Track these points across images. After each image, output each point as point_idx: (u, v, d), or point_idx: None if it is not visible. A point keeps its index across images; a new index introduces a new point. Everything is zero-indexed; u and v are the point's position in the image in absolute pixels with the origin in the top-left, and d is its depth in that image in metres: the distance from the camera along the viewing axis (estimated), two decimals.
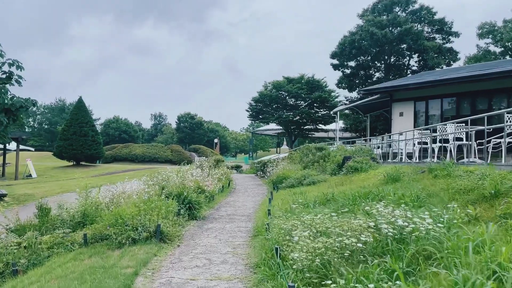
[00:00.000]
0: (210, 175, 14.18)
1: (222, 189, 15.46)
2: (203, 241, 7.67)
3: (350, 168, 13.44)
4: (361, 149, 15.81)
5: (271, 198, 11.00)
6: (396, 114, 23.67)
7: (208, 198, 11.92)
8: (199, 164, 15.90)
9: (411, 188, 8.28)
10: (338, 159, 15.39)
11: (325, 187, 12.28)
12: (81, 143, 40.83)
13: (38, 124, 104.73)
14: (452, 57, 37.23)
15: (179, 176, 11.40)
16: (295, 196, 10.74)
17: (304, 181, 14.25)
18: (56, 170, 41.04)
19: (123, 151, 51.56)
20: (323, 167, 15.69)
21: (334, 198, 9.25)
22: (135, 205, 8.67)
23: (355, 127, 35.97)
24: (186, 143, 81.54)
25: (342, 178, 12.52)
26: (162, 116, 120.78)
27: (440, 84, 20.73)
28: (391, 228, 4.81)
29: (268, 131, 67.65)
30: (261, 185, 19.64)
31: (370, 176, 11.68)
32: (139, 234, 7.20)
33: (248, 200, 14.02)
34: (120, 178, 29.59)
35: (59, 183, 28.96)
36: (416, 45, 34.41)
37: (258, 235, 7.85)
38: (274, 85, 45.95)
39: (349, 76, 38.71)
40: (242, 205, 12.67)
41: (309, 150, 18.69)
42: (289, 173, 15.82)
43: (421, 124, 22.54)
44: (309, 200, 9.43)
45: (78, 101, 42.77)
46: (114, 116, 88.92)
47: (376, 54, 36.66)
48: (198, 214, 9.94)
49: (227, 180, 17.19)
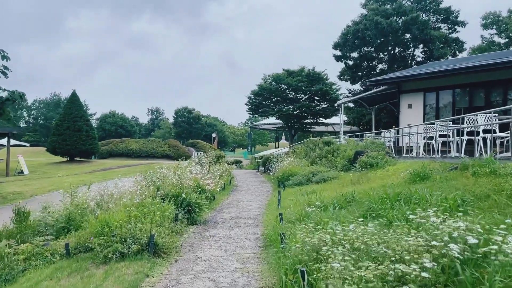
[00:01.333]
0: (210, 172, 12.95)
1: (224, 187, 14.25)
2: (205, 253, 6.45)
3: (364, 164, 12.24)
4: (373, 142, 14.61)
5: (279, 199, 9.78)
6: (404, 106, 22.51)
7: (209, 199, 10.70)
8: (199, 161, 14.63)
9: (447, 188, 7.09)
10: (349, 153, 14.18)
11: (339, 185, 11.08)
12: (75, 138, 39.54)
13: (34, 119, 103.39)
14: (458, 47, 35.92)
15: (176, 174, 10.16)
16: (307, 197, 9.53)
17: (313, 178, 13.04)
18: (49, 166, 39.72)
19: (119, 146, 50.21)
20: (332, 163, 14.47)
21: (356, 199, 8.05)
22: (125, 208, 7.45)
23: (358, 120, 34.71)
24: (184, 138, 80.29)
25: (357, 175, 11.31)
26: (159, 111, 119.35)
27: (453, 73, 19.54)
28: (459, 246, 3.58)
29: (266, 126, 66.36)
30: (264, 182, 18.42)
31: (390, 173, 10.48)
32: (129, 247, 5.98)
33: (252, 199, 12.81)
34: (115, 174, 28.36)
35: (51, 180, 27.70)
36: (422, 35, 33.05)
37: (270, 245, 6.64)
38: (274, 78, 44.59)
39: (352, 67, 37.34)
40: (247, 206, 11.45)
41: (316, 144, 17.46)
42: (296, 169, 14.61)
43: (431, 116, 21.39)
44: (325, 202, 8.23)
45: (72, 95, 41.38)
46: (111, 110, 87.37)
47: (380, 45, 35.32)
48: (199, 218, 8.71)
49: (229, 177, 15.97)
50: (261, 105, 46.28)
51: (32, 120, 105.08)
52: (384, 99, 28.06)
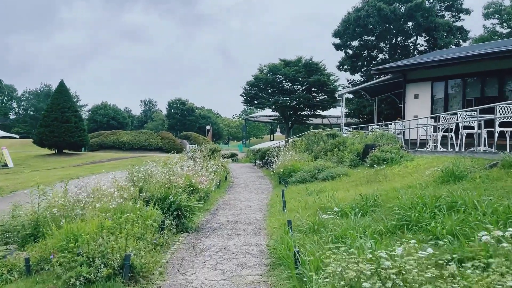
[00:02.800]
0: (204, 167, 11.53)
1: (219, 184, 12.85)
2: (197, 275, 5.06)
3: (376, 159, 10.88)
4: (383, 135, 13.25)
5: (284, 201, 8.39)
6: (410, 97, 21.19)
7: (202, 199, 9.31)
8: (191, 155, 13.16)
9: (495, 191, 5.76)
10: (357, 147, 12.81)
11: (351, 183, 9.72)
12: (63, 129, 37.87)
13: (23, 110, 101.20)
14: (462, 36, 34.48)
15: (164, 172, 8.73)
16: (317, 198, 8.16)
17: (319, 175, 11.67)
18: (36, 158, 38.07)
19: (110, 139, 48.53)
20: (339, 158, 13.11)
21: (378, 203, 6.69)
22: (100, 214, 6.05)
23: (358, 112, 33.34)
24: (177, 130, 78.70)
25: (371, 172, 9.96)
26: (152, 102, 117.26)
27: (464, 61, 18.19)
28: None
29: (262, 118, 64.95)
30: (263, 178, 17.05)
31: (410, 170, 9.12)
32: (97, 270, 4.57)
33: (251, 198, 11.42)
34: (104, 167, 26.88)
35: (36, 174, 26.23)
36: (427, 22, 31.53)
37: (280, 264, 5.26)
38: (270, 68, 42.98)
39: (352, 57, 35.81)
40: (246, 206, 10.07)
41: (319, 137, 16.09)
42: (299, 165, 13.23)
43: (439, 107, 20.11)
44: (341, 205, 6.87)
45: (60, 85, 39.60)
46: (102, 102, 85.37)
47: (381, 33, 33.82)
48: (190, 224, 7.30)
49: (224, 173, 14.57)
50: (257, 96, 44.72)
51: (22, 111, 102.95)
52: (387, 89, 26.71)
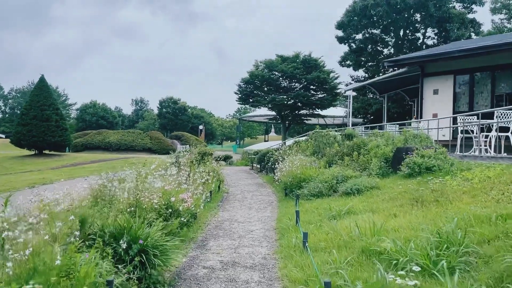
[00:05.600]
0: (191, 177, 8.79)
1: (210, 197, 10.16)
2: None
3: (417, 167, 8.26)
4: (415, 136, 10.62)
5: (305, 235, 5.68)
6: (428, 92, 18.69)
7: (185, 225, 6.62)
8: (175, 160, 10.28)
9: None
10: (384, 151, 10.16)
11: (389, 202, 7.05)
12: (43, 129, 34.91)
13: (10, 109, 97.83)
14: (475, 30, 32.03)
15: (133, 187, 6.02)
16: (350, 224, 5.50)
17: (339, 187, 9.01)
18: (13, 160, 35.10)
19: (96, 139, 45.54)
20: (360, 164, 10.46)
21: (470, 245, 4.07)
22: None
23: (363, 110, 30.78)
24: (169, 130, 75.70)
25: (412, 185, 7.32)
26: (144, 101, 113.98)
27: (496, 50, 15.65)
28: None
29: (257, 118, 62.06)
30: (263, 186, 14.34)
31: (478, 185, 6.50)
32: None
33: (252, 217, 8.72)
34: (85, 171, 24.07)
35: (6, 178, 23.42)
36: (440, 12, 28.92)
37: None
38: (267, 64, 40.16)
39: (356, 51, 33.16)
40: (246, 232, 7.38)
41: (329, 137, 13.45)
42: (310, 172, 10.54)
43: (462, 104, 17.69)
44: (400, 244, 4.25)
45: (40, 81, 36.63)
46: (91, 100, 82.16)
47: (388, 26, 31.22)
48: (159, 277, 4.55)
49: (218, 182, 11.86)
50: (252, 94, 41.86)
51: (8, 110, 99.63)
52: (398, 85, 24.20)
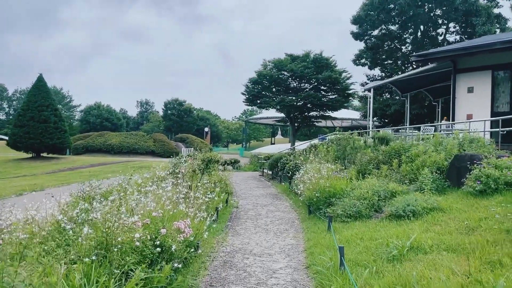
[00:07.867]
0: (192, 193, 6.67)
1: (217, 215, 8.14)
2: None
3: (490, 181, 6.19)
4: (472, 141, 8.53)
5: None
6: (462, 90, 16.62)
7: (178, 273, 4.60)
8: (172, 170, 8.05)
9: None
10: (435, 159, 8.08)
11: (472, 235, 5.00)
12: (40, 130, 33.11)
13: (14, 110, 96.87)
14: (501, 25, 29.80)
15: (105, 212, 4.01)
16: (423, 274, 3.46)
17: (385, 207, 6.95)
18: (9, 163, 33.33)
19: (98, 141, 43.66)
20: (403, 175, 8.38)
21: None
22: None
23: (381, 112, 28.59)
24: (174, 132, 73.87)
25: (489, 206, 5.26)
26: (149, 103, 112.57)
27: None
28: None
29: (263, 120, 59.96)
30: (277, 197, 12.28)
31: None
32: None
33: (272, 247, 6.68)
34: (82, 176, 22.13)
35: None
36: (466, 5, 26.66)
37: None
38: (275, 64, 38.06)
39: (373, 48, 30.92)
40: (266, 276, 5.30)
41: (361, 142, 11.37)
42: (339, 184, 8.49)
43: (502, 104, 15.61)
44: None
45: (38, 80, 34.84)
46: (96, 102, 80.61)
47: (407, 21, 28.97)
48: None
49: (226, 195, 9.77)
50: (260, 95, 39.71)
51: (12, 112, 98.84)
52: (423, 84, 22.09)
